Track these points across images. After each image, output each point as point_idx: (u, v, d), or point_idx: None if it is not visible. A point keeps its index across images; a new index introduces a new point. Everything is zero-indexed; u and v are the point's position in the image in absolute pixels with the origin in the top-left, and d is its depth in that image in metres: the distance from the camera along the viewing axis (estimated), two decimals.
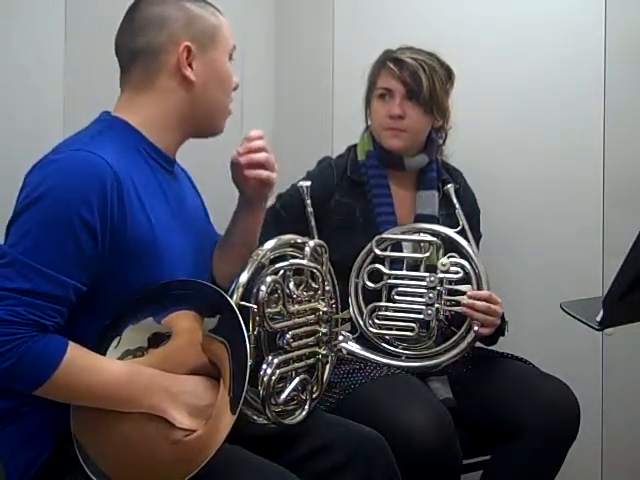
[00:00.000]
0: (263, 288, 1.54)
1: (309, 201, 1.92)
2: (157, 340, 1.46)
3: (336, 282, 1.77)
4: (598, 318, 1.54)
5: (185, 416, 1.40)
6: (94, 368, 1.41)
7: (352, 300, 2.02)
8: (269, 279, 1.56)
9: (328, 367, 1.70)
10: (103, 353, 1.44)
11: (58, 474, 1.46)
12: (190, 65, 1.56)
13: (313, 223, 1.89)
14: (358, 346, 2.00)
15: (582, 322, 1.61)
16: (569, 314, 1.68)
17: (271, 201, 2.21)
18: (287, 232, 1.71)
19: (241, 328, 1.39)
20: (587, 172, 2.48)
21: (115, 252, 1.45)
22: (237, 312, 1.42)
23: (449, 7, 2.58)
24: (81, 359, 1.40)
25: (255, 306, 1.53)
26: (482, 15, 2.56)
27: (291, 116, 2.74)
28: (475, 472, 2.04)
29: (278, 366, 1.55)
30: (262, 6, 2.73)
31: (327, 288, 1.70)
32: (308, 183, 1.95)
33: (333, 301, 1.73)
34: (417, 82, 2.09)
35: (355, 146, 2.22)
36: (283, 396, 1.57)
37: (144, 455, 1.39)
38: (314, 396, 1.66)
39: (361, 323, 2.02)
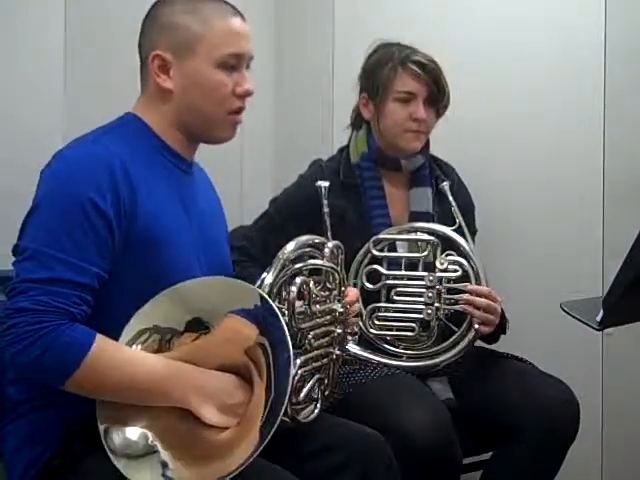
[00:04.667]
0: (293, 289, 1.55)
1: (326, 201, 1.88)
2: (196, 326, 1.45)
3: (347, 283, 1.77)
4: (598, 318, 1.54)
5: (215, 413, 1.40)
6: (125, 358, 1.40)
7: None
8: (299, 280, 1.57)
9: (337, 366, 1.71)
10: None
11: (59, 474, 1.45)
12: (168, 73, 1.56)
13: (328, 223, 1.86)
14: (358, 347, 2.00)
15: (582, 322, 1.61)
16: (569, 314, 1.68)
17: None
18: (281, 235, 1.72)
19: (285, 334, 1.39)
20: (587, 172, 2.48)
21: (131, 240, 1.46)
22: (282, 319, 1.41)
23: (449, 8, 2.58)
24: (110, 348, 1.39)
25: (285, 307, 1.54)
26: (482, 15, 2.56)
27: (291, 117, 2.74)
28: (475, 472, 2.04)
29: (300, 366, 1.57)
30: (262, 6, 2.74)
31: (342, 289, 1.71)
32: (326, 183, 1.91)
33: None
34: (439, 86, 2.10)
35: (347, 147, 2.21)
36: (302, 395, 1.58)
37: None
38: (326, 394, 1.68)
39: (361, 325, 2.01)
